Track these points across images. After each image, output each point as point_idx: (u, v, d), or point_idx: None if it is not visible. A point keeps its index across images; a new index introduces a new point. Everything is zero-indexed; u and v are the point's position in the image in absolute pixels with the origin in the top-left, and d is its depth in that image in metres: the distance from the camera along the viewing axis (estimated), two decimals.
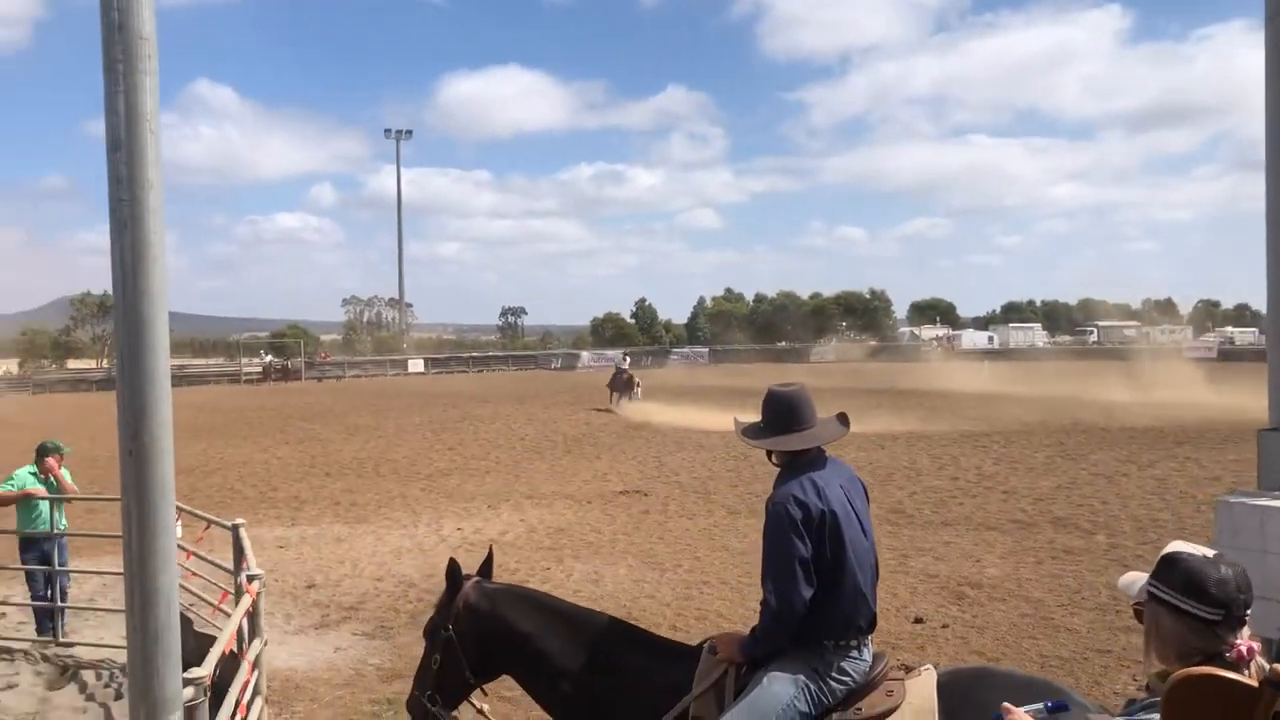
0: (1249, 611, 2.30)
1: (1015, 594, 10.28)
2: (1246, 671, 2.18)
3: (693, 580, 11.23)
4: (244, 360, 71.21)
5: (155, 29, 3.35)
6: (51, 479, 9.67)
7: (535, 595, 4.37)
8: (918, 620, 9.49)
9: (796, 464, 3.80)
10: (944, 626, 9.29)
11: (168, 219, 3.45)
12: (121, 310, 3.34)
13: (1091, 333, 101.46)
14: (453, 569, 4.37)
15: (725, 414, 28.84)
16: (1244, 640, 2.25)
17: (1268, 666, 2.11)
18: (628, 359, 45.20)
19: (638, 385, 37.82)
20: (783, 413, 3.86)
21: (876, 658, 3.80)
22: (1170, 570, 2.37)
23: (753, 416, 4.06)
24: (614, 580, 11.28)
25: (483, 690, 4.40)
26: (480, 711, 4.39)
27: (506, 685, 4.68)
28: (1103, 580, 10.41)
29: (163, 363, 3.36)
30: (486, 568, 4.51)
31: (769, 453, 3.91)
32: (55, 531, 9.46)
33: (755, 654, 3.71)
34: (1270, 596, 3.12)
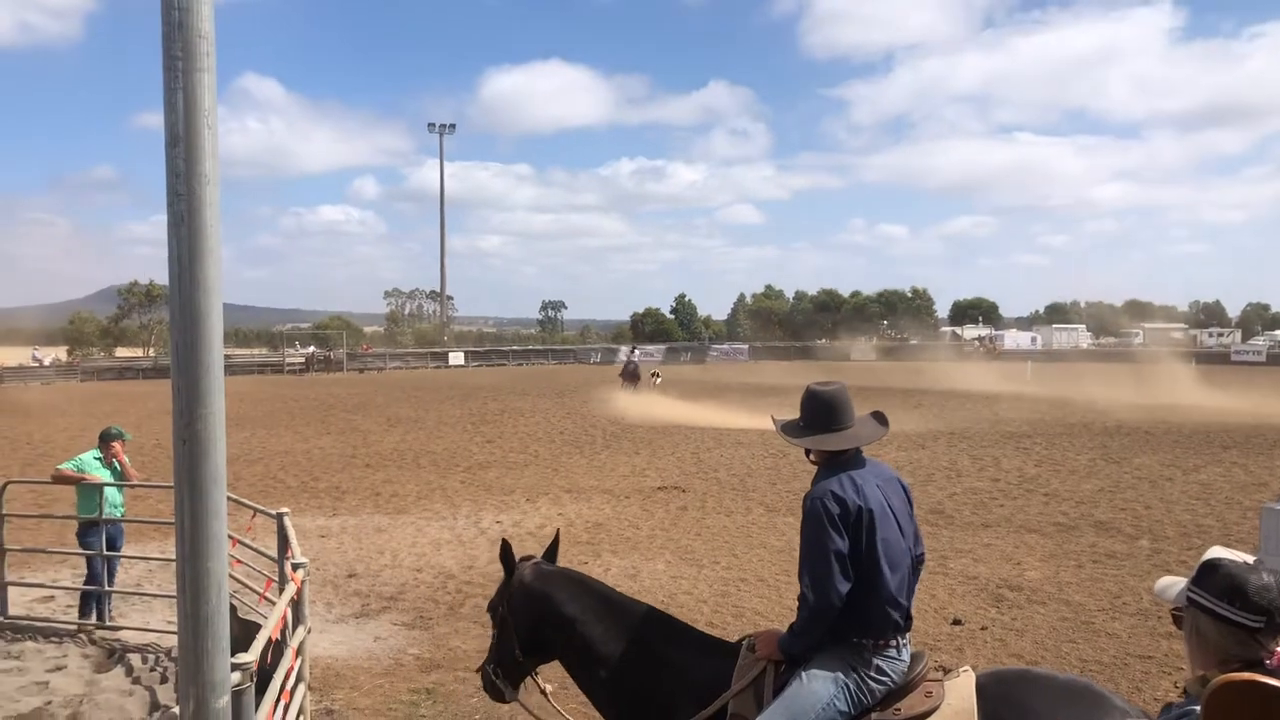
0: None
1: (1055, 597, 10.21)
2: None
3: (730, 577, 11.25)
4: (287, 351, 72.05)
5: (214, 27, 3.44)
6: (116, 464, 9.92)
7: (586, 580, 4.45)
8: (956, 622, 9.45)
9: (835, 463, 3.83)
10: (983, 629, 9.25)
11: None
12: (177, 303, 3.42)
13: (1137, 335, 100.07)
14: (505, 550, 4.51)
15: (731, 413, 28.74)
16: None
17: None
18: (636, 352, 50.13)
19: (655, 377, 40.32)
20: (822, 412, 3.90)
21: (915, 658, 3.82)
22: (1211, 576, 2.37)
23: (791, 413, 4.10)
24: (651, 576, 11.32)
25: (538, 684, 4.50)
26: (543, 692, 4.49)
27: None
28: (1145, 585, 10.31)
29: (217, 355, 3.44)
30: (552, 551, 4.61)
31: (807, 451, 3.94)
32: (116, 517, 9.68)
33: (794, 650, 3.74)
34: None
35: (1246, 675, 2.09)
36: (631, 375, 40.96)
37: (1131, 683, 7.79)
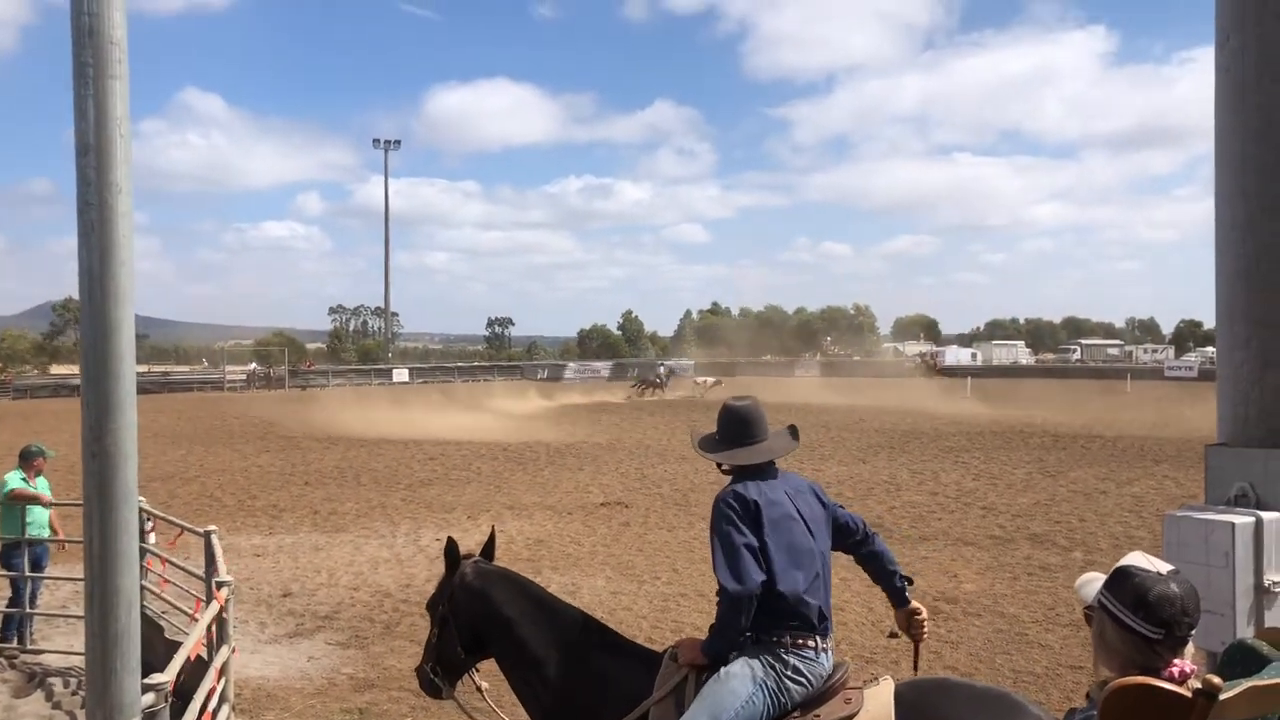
0: (1193, 632, 2.32)
1: (991, 609, 10.32)
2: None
3: (670, 592, 11.24)
4: (227, 368, 70.95)
5: (126, 34, 3.38)
6: (37, 481, 9.72)
7: (524, 582, 4.43)
8: (892, 635, 9.44)
9: (745, 474, 3.90)
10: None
11: (154, 226, 3.50)
12: (88, 314, 3.36)
13: (1075, 351, 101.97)
14: (450, 547, 4.48)
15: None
16: (1182, 662, 2.28)
17: (1194, 683, 2.14)
18: (662, 367, 60.10)
19: (712, 383, 49.95)
20: (736, 426, 3.98)
21: (837, 666, 3.85)
22: (1122, 583, 2.39)
23: (709, 428, 4.16)
24: (591, 592, 11.27)
25: (475, 682, 4.47)
26: (478, 689, 4.46)
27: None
28: (1078, 597, 10.44)
29: (128, 367, 3.38)
30: (489, 548, 4.58)
31: (719, 464, 4.00)
32: (42, 537, 9.46)
33: (717, 649, 3.75)
34: (1214, 610, 3.16)
35: (1142, 679, 2.11)
36: (651, 383, 49.67)
37: (1063, 693, 7.89)
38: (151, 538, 9.49)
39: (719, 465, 4.02)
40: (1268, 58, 3.37)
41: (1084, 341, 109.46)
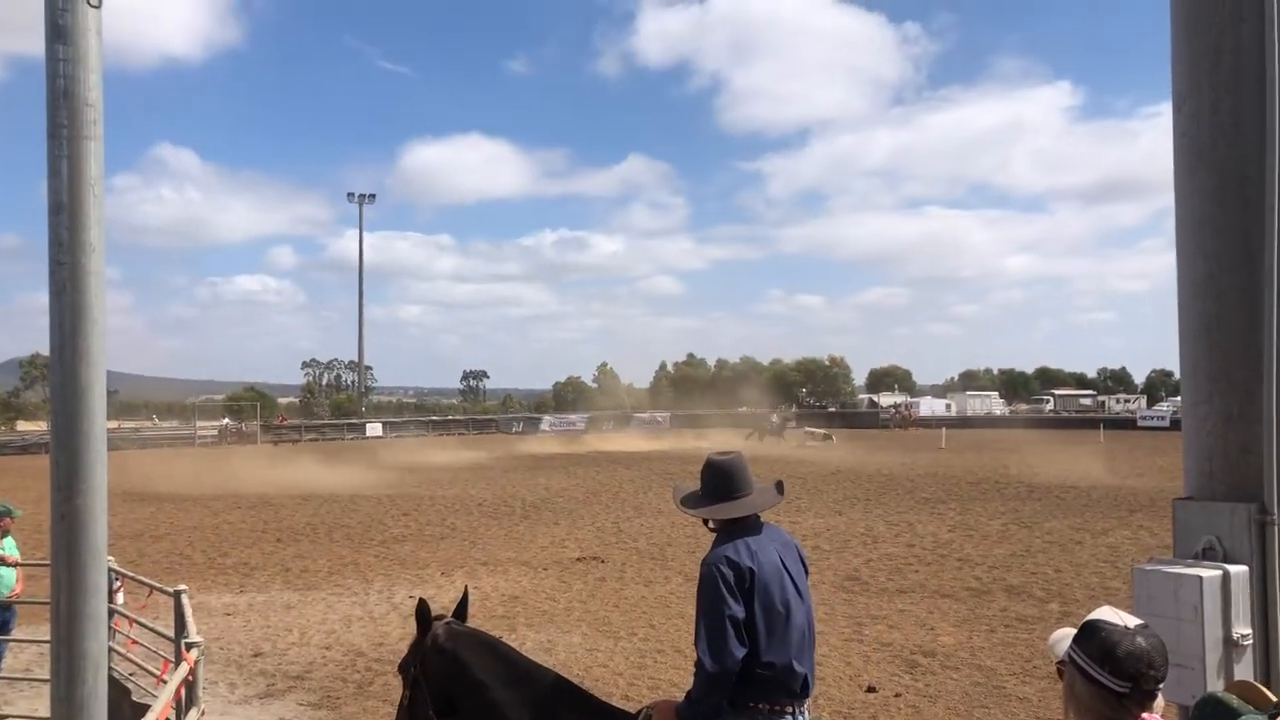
0: (1160, 685, 2.34)
1: (968, 662, 10.29)
2: None
3: (647, 649, 11.15)
4: (199, 423, 70.31)
5: (102, 95, 3.41)
6: (4, 541, 9.58)
7: (496, 644, 4.39)
8: (871, 689, 9.47)
9: (732, 529, 3.88)
10: (896, 695, 9.27)
11: (126, 281, 3.49)
12: (59, 373, 3.35)
13: (1048, 402, 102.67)
14: (422, 609, 4.43)
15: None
16: (1151, 716, 2.30)
17: None
18: (775, 416, 61.38)
19: (828, 438, 50.53)
20: (720, 481, 3.95)
21: None
22: (1090, 638, 2.42)
23: (692, 485, 4.14)
24: (567, 649, 11.17)
25: None
26: None
27: None
28: (1051, 653, 10.43)
29: (99, 427, 3.36)
30: (462, 609, 4.54)
31: (705, 520, 3.98)
32: (5, 597, 9.32)
33: (691, 718, 3.71)
34: (1184, 663, 3.18)
35: None
36: (774, 427, 51.26)
37: None
38: (119, 597, 9.34)
39: (705, 522, 4.01)
40: (1221, 123, 3.47)
41: (1057, 392, 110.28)
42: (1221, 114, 3.46)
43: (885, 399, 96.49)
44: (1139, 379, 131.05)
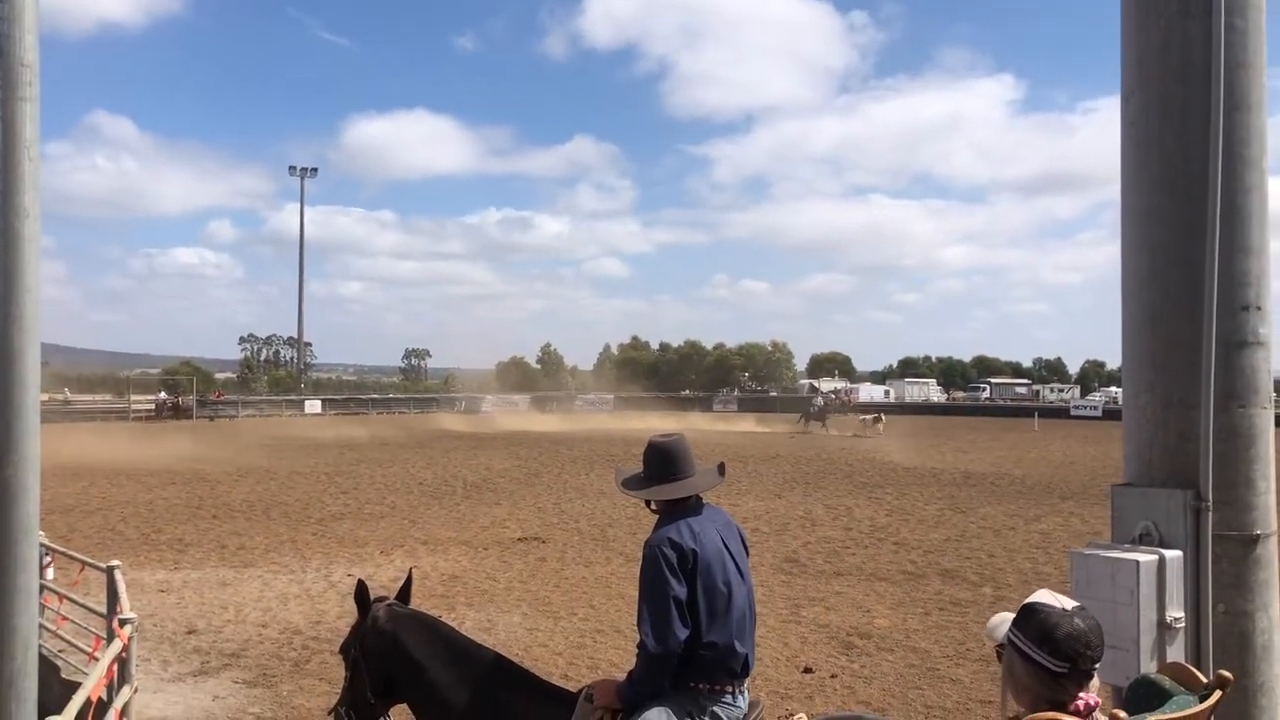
0: (1097, 665, 2.39)
1: (903, 644, 10.44)
2: None
3: (587, 629, 11.16)
4: (134, 397, 68.92)
5: (39, 56, 3.30)
6: None
7: (435, 625, 4.38)
8: (807, 670, 9.57)
9: (674, 511, 3.89)
10: (833, 676, 9.38)
11: (59, 250, 3.39)
12: None
13: (984, 390, 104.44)
14: (361, 590, 4.43)
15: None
16: (1087, 695, 2.35)
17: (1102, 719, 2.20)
18: (819, 394, 58.32)
19: (878, 421, 45.11)
20: (662, 462, 3.96)
21: (752, 705, 3.86)
22: (1028, 620, 2.46)
23: (634, 467, 4.15)
24: (507, 629, 11.15)
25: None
26: None
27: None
28: (990, 638, 10.62)
29: (32, 396, 3.27)
30: (405, 591, 4.52)
31: (648, 501, 3.99)
32: None
33: (632, 698, 3.73)
34: (1119, 645, 3.25)
35: (1052, 714, 2.17)
36: (818, 414, 45.81)
37: None
38: (49, 573, 9.14)
39: (647, 503, 4.02)
40: (1169, 115, 3.53)
41: (993, 380, 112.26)
42: (1169, 107, 3.52)
43: (826, 385, 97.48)
44: (1073, 369, 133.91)
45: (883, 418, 47.68)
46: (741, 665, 3.78)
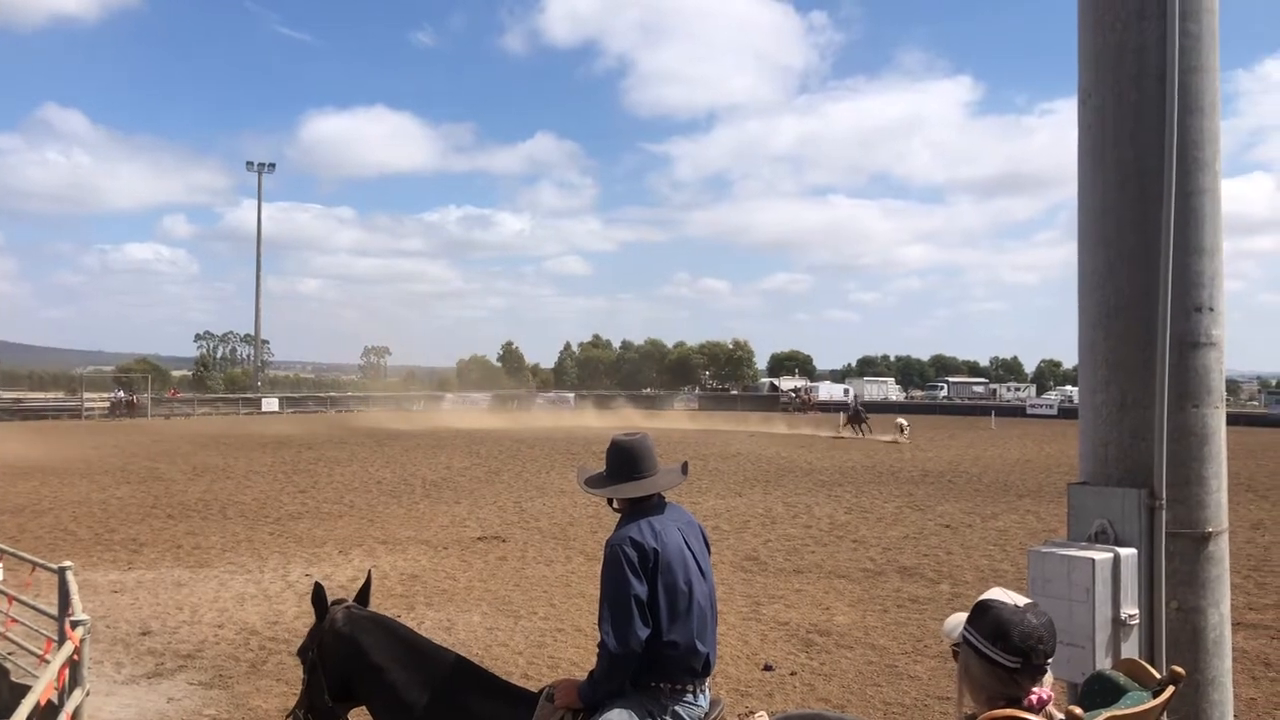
0: (1049, 660, 2.42)
1: (862, 641, 10.51)
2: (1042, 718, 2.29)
3: (547, 628, 11.14)
4: (87, 395, 67.84)
5: None
6: None
7: (394, 626, 4.35)
8: (767, 667, 9.61)
9: (636, 509, 3.89)
10: (792, 674, 9.43)
11: (8, 246, 3.32)
12: None
13: (942, 389, 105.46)
14: (318, 593, 4.39)
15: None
16: (1040, 690, 2.37)
17: (1058, 715, 2.23)
18: (856, 397, 57.55)
19: (905, 427, 41.57)
20: (625, 461, 3.96)
21: (713, 704, 3.86)
22: (982, 617, 2.49)
23: (597, 466, 4.14)
24: (466, 628, 11.09)
25: None
26: None
27: None
28: (941, 631, 10.73)
29: None
30: (364, 593, 4.49)
31: (609, 500, 3.98)
32: None
33: (593, 698, 3.72)
34: (1075, 643, 3.29)
35: (1009, 711, 2.19)
36: (856, 418, 43.41)
37: None
38: None
39: (609, 502, 4.01)
40: (1124, 117, 3.57)
41: (951, 379, 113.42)
42: (1124, 108, 3.56)
43: (785, 383, 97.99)
44: (1030, 368, 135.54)
45: (907, 424, 42.70)
46: (703, 664, 3.78)
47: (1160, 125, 3.48)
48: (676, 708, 3.70)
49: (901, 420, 42.58)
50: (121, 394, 67.28)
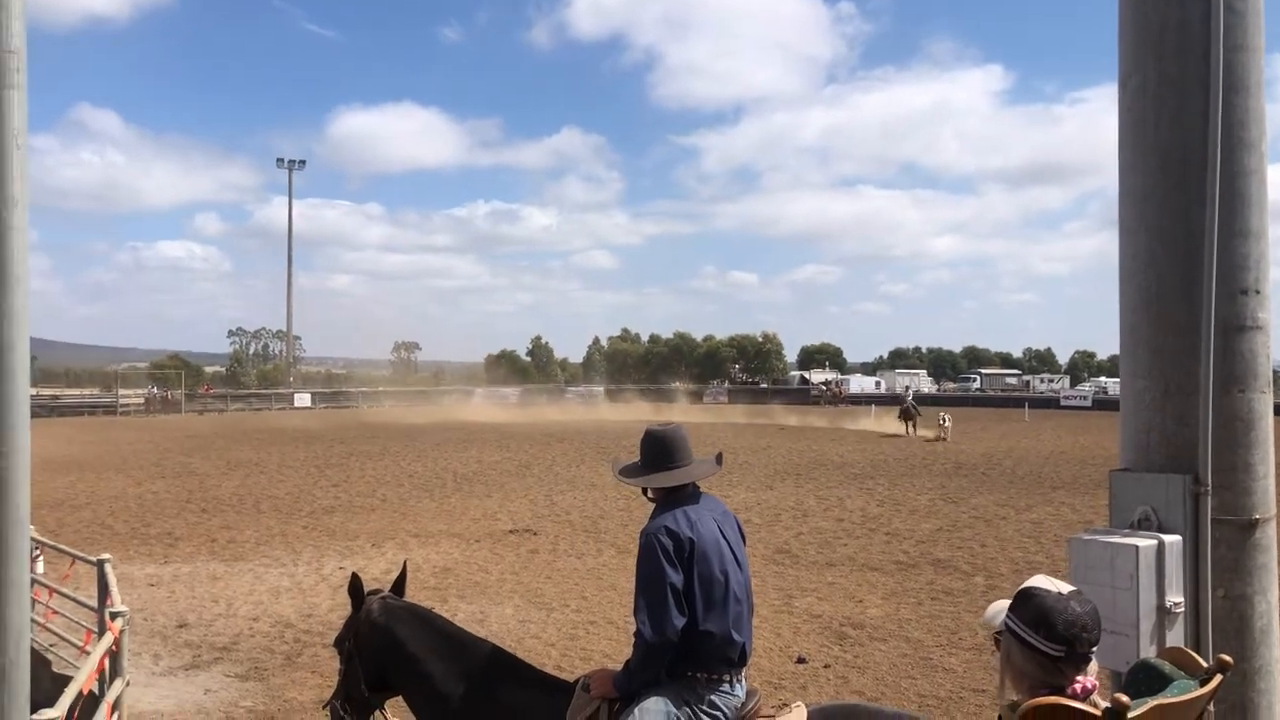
0: (1094, 649, 2.38)
1: (896, 634, 10.46)
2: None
3: (579, 620, 11.15)
4: (122, 391, 68.68)
5: (25, 43, 3.26)
6: None
7: (430, 617, 4.36)
8: (800, 660, 9.58)
9: (671, 499, 3.87)
10: (826, 666, 9.39)
11: (44, 245, 3.35)
12: None
13: (975, 381, 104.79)
14: (355, 583, 4.43)
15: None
16: (1085, 678, 2.34)
17: (1103, 703, 2.20)
18: (911, 391, 55.41)
19: (945, 422, 39.58)
20: (659, 451, 3.95)
21: (750, 694, 3.84)
22: (1024, 605, 2.46)
23: (631, 458, 4.14)
24: (499, 621, 11.13)
25: (384, 718, 4.39)
26: None
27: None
28: (980, 621, 10.66)
29: (21, 388, 3.23)
30: (399, 584, 4.52)
31: (644, 490, 3.97)
32: None
33: (629, 688, 3.71)
34: (1119, 631, 3.24)
35: (1054, 699, 2.16)
36: (908, 414, 42.10)
37: (966, 716, 8.02)
38: (39, 566, 9.10)
39: (644, 492, 4.00)
40: (1165, 97, 3.51)
41: (984, 371, 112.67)
42: (1166, 88, 3.50)
43: (816, 376, 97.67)
44: (1063, 359, 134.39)
45: (949, 419, 40.38)
46: (739, 654, 3.76)
47: (1203, 106, 3.41)
48: (713, 697, 3.68)
49: (944, 415, 40.65)
50: (156, 390, 68.07)
